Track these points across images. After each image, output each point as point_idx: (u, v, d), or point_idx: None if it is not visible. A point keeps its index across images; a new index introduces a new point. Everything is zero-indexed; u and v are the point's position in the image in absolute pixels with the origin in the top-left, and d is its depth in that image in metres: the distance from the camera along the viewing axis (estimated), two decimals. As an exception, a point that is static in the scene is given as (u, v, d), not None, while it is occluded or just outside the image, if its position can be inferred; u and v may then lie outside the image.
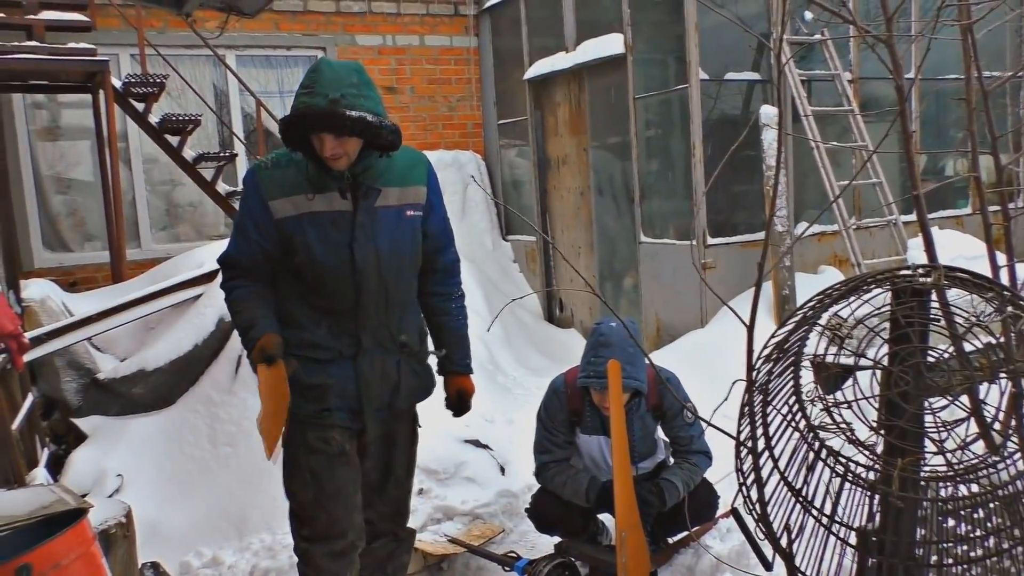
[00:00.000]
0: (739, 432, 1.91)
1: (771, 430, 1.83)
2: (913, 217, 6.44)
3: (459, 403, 2.69)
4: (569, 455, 3.30)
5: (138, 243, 6.98)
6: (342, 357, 2.38)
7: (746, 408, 1.88)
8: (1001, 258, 3.23)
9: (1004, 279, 3.11)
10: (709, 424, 2.02)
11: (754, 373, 1.96)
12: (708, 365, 4.49)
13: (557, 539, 3.38)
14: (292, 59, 7.65)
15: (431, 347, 2.65)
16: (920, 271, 1.79)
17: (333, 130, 2.17)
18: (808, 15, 5.89)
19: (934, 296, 1.85)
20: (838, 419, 1.68)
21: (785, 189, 5.55)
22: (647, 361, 2.92)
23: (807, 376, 1.80)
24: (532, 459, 4.30)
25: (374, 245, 2.34)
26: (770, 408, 1.85)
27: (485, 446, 4.11)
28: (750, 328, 2.05)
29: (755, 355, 2.01)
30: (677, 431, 3.25)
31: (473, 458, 4.00)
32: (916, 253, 5.11)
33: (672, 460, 3.36)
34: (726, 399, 2.03)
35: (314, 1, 7.60)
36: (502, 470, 4.01)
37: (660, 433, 3.36)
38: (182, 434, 4.17)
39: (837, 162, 6.04)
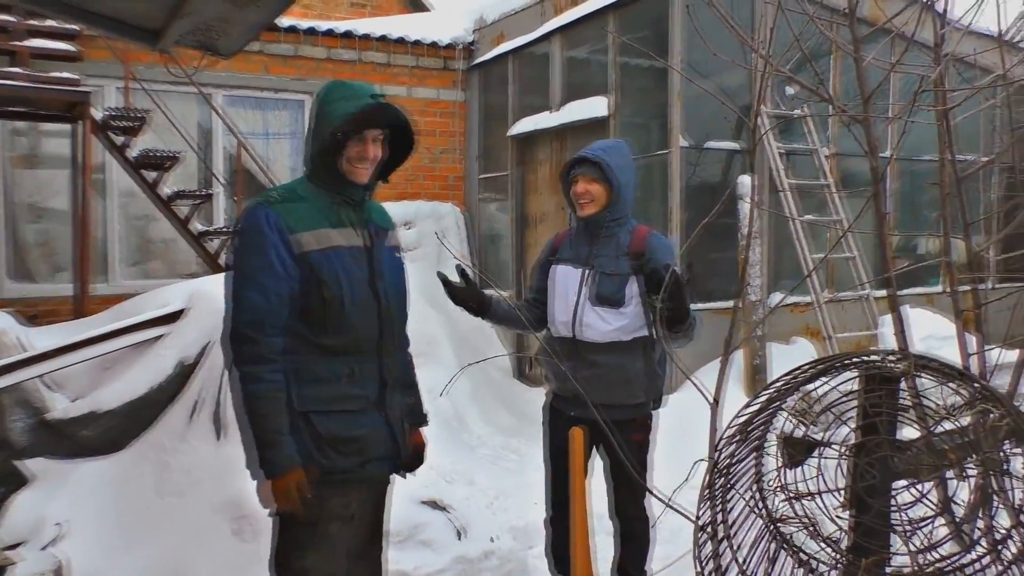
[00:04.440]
0: (698, 516, 1.83)
1: (732, 516, 1.75)
2: (886, 292, 6.50)
3: (416, 458, 2.55)
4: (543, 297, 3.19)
5: (106, 277, 6.84)
6: (368, 404, 2.27)
7: (707, 491, 1.80)
8: (971, 341, 3.21)
9: (973, 365, 3.08)
10: (669, 505, 1.93)
11: (717, 454, 1.88)
12: (671, 439, 4.37)
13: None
14: (280, 102, 7.67)
15: None
16: (891, 358, 1.75)
17: (388, 123, 2.26)
18: (790, 90, 6.00)
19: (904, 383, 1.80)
20: (800, 512, 1.60)
21: (760, 259, 5.56)
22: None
23: (770, 463, 1.72)
24: (492, 522, 4.17)
25: (386, 283, 2.34)
26: (732, 493, 1.77)
27: (443, 508, 3.96)
28: (714, 405, 1.99)
29: (719, 433, 1.94)
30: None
31: (430, 520, 3.84)
32: (888, 331, 5.11)
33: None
34: (687, 479, 1.95)
35: (306, 47, 7.65)
36: (459, 535, 3.86)
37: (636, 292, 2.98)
38: (129, 481, 3.98)
39: (813, 234, 6.08)
